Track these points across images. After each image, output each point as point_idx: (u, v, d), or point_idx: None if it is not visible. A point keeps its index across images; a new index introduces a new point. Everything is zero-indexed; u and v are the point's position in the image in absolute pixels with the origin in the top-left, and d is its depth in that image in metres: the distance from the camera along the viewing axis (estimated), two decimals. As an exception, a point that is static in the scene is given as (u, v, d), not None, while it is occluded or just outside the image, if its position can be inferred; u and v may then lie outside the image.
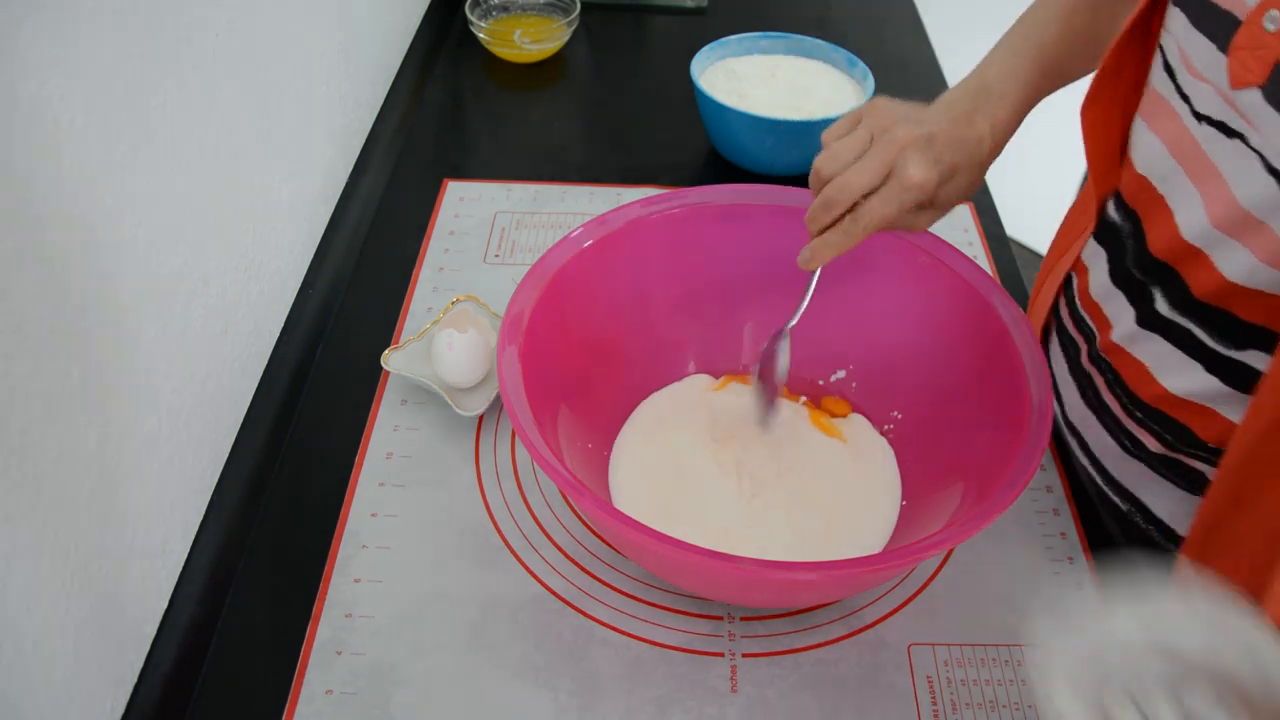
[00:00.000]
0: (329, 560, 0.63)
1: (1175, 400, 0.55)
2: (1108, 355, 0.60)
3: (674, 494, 0.65)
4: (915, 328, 0.68)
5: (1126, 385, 0.58)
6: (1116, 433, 0.61)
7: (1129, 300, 0.57)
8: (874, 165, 0.58)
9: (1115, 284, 0.59)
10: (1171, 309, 0.54)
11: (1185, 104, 0.52)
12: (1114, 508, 0.63)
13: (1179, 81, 0.53)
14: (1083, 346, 0.63)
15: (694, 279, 0.71)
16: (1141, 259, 0.56)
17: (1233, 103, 0.48)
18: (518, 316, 0.60)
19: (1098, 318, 0.61)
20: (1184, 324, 0.53)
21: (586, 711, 0.56)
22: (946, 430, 0.65)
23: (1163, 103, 0.54)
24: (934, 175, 0.58)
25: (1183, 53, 0.52)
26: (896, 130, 0.59)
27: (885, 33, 1.22)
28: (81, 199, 0.51)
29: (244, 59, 0.70)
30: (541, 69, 1.13)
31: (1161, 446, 0.57)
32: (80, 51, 0.50)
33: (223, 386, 0.69)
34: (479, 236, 0.87)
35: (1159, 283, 0.55)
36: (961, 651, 0.59)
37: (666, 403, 0.71)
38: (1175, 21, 0.53)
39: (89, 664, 0.53)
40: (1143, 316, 0.56)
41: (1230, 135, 0.48)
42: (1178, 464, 0.57)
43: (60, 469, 0.50)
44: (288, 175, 0.79)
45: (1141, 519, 0.61)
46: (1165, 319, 0.54)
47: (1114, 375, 0.59)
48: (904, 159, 0.58)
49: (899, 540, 0.63)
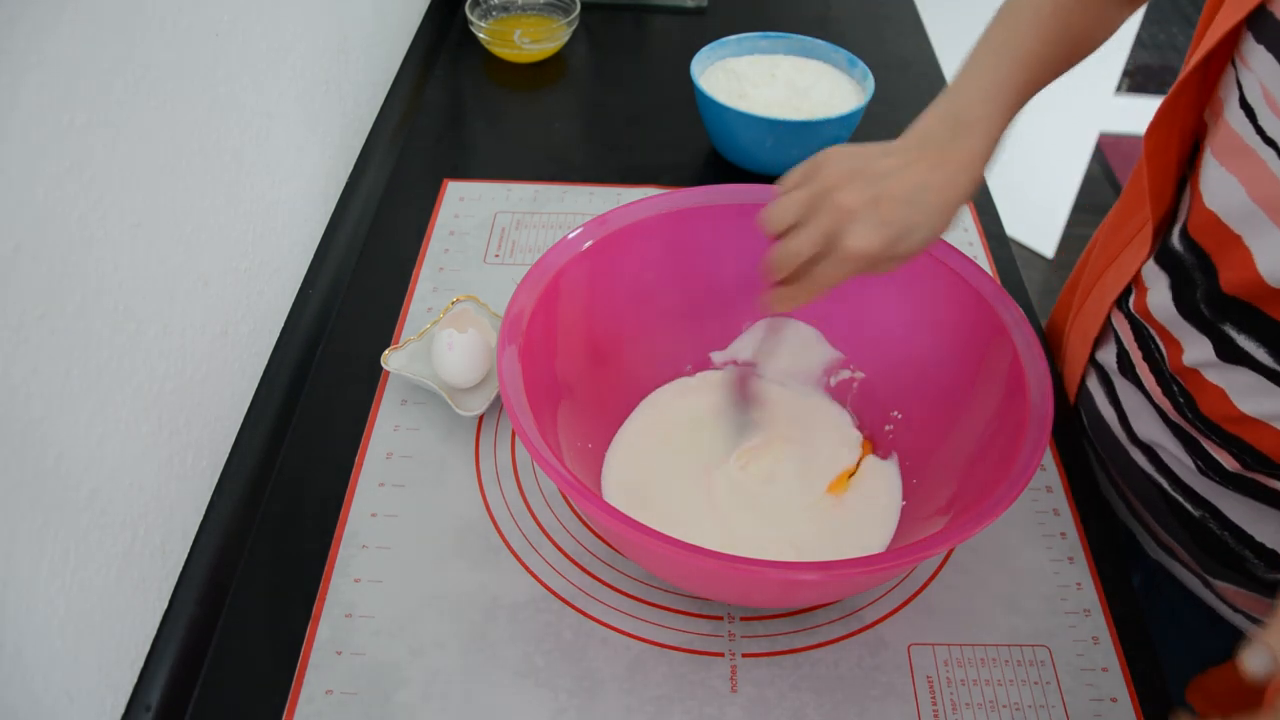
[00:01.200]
0: (329, 560, 0.63)
1: (1253, 423, 0.54)
2: (1179, 377, 0.59)
3: (673, 492, 0.65)
4: (915, 328, 0.68)
5: (1198, 408, 0.57)
6: (1188, 449, 0.60)
7: (1199, 330, 0.56)
8: (814, 236, 0.55)
9: (1181, 312, 0.57)
10: (1257, 345, 0.53)
11: (1270, 149, 0.50)
12: (1183, 511, 0.62)
13: (1261, 123, 0.50)
14: (1138, 356, 0.62)
15: (694, 279, 0.71)
16: (1212, 295, 0.55)
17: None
18: (518, 316, 0.60)
19: (1165, 338, 0.59)
20: (1267, 360, 0.52)
21: (586, 711, 0.56)
22: (946, 430, 0.65)
23: (1240, 142, 0.52)
24: (878, 241, 0.54)
25: (1267, 93, 0.50)
26: (841, 195, 0.54)
27: (885, 33, 1.22)
28: (81, 199, 0.51)
29: (244, 59, 0.70)
30: (541, 69, 1.13)
31: (1239, 467, 0.56)
32: (80, 51, 0.50)
33: (223, 386, 0.69)
34: (479, 236, 0.87)
35: (1236, 320, 0.53)
36: (961, 651, 0.59)
37: (664, 401, 0.72)
38: (1257, 59, 0.50)
39: (89, 664, 0.53)
40: (1222, 350, 0.55)
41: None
42: (1253, 483, 0.56)
43: (60, 469, 0.50)
44: (288, 175, 0.79)
45: (1216, 525, 0.60)
46: (1247, 354, 0.53)
47: (1186, 397, 0.58)
48: (845, 229, 0.54)
49: (899, 540, 0.63)
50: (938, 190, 0.55)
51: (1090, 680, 0.58)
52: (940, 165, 0.56)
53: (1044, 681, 0.58)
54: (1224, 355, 0.54)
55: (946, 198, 0.56)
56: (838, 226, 0.54)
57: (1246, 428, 0.55)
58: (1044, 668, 0.59)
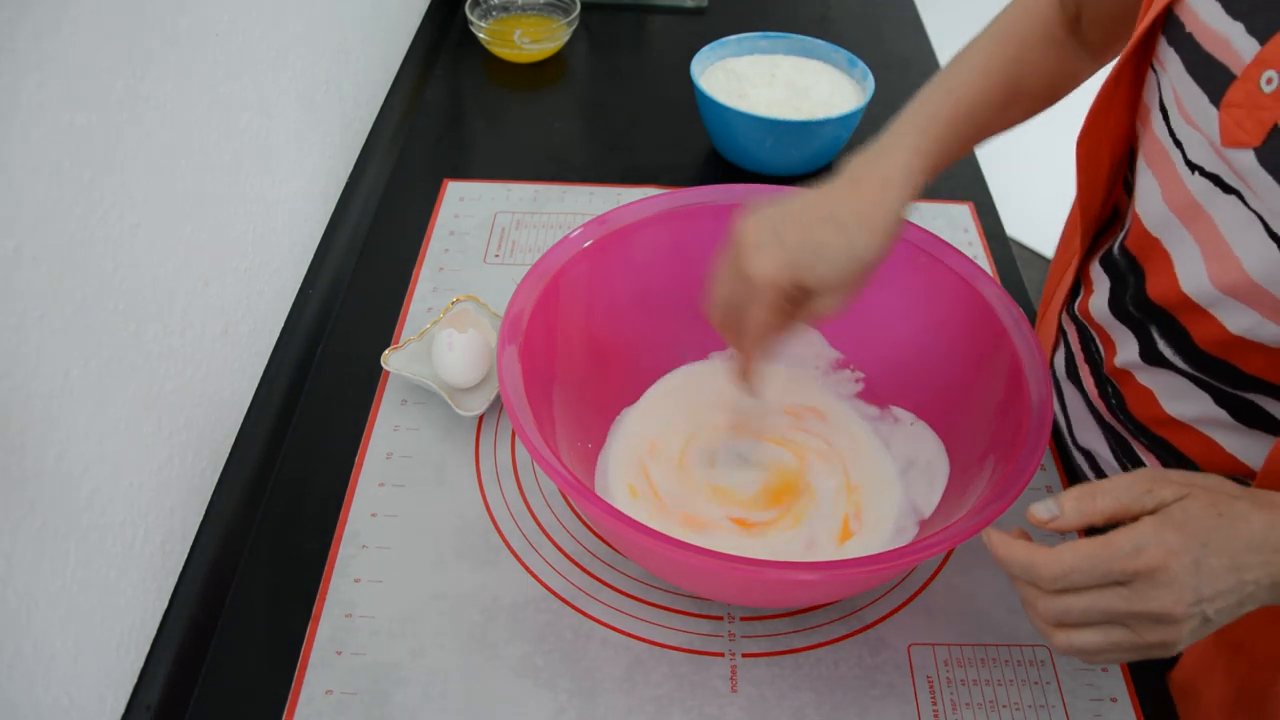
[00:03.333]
0: (329, 560, 0.63)
1: (1178, 425, 0.54)
2: (1113, 378, 0.59)
3: (670, 492, 0.65)
4: (915, 328, 0.68)
5: (1128, 409, 0.58)
6: (1118, 452, 0.60)
7: (1131, 332, 0.57)
8: (725, 277, 0.56)
9: (1114, 314, 0.58)
10: (1175, 353, 0.53)
11: (1178, 150, 0.50)
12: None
13: (1172, 125, 0.51)
14: (1082, 359, 0.62)
15: (694, 279, 0.71)
16: (1140, 300, 0.55)
17: (1225, 157, 0.46)
18: (518, 316, 0.60)
19: (1102, 336, 0.60)
20: (1185, 368, 0.53)
21: (586, 711, 0.56)
22: (946, 430, 0.65)
23: (1159, 146, 0.52)
24: (775, 263, 0.53)
25: (1176, 95, 0.50)
26: (741, 235, 0.55)
27: (885, 33, 1.22)
28: (81, 199, 0.51)
29: (244, 59, 0.70)
30: (541, 69, 1.13)
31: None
32: (80, 51, 0.50)
33: (223, 386, 0.69)
34: (479, 236, 0.87)
35: (1158, 326, 0.54)
36: (961, 651, 0.59)
37: (663, 392, 0.72)
38: (1170, 60, 0.50)
39: (89, 664, 0.53)
40: (1146, 352, 0.55)
41: (1226, 190, 0.47)
42: None
43: (60, 469, 0.50)
44: (288, 175, 0.79)
45: None
46: (1167, 360, 0.54)
47: (1119, 398, 0.59)
48: (746, 259, 0.54)
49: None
50: (851, 209, 0.55)
51: (1090, 680, 0.58)
52: (853, 189, 0.56)
53: (1044, 681, 0.58)
54: (1148, 358, 0.55)
55: (862, 213, 0.55)
56: (743, 259, 0.54)
57: (1172, 430, 0.55)
58: (1044, 668, 0.59)
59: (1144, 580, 0.41)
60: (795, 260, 0.53)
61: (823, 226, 0.54)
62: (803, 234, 0.54)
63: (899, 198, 0.56)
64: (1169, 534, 0.41)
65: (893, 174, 0.57)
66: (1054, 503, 0.45)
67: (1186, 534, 0.41)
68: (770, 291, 0.54)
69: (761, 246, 0.54)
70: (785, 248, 0.53)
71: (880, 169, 0.57)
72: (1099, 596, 0.42)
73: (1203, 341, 0.51)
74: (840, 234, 0.54)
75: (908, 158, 0.57)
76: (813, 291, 0.55)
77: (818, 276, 0.54)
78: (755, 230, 0.55)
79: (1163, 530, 0.41)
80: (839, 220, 0.54)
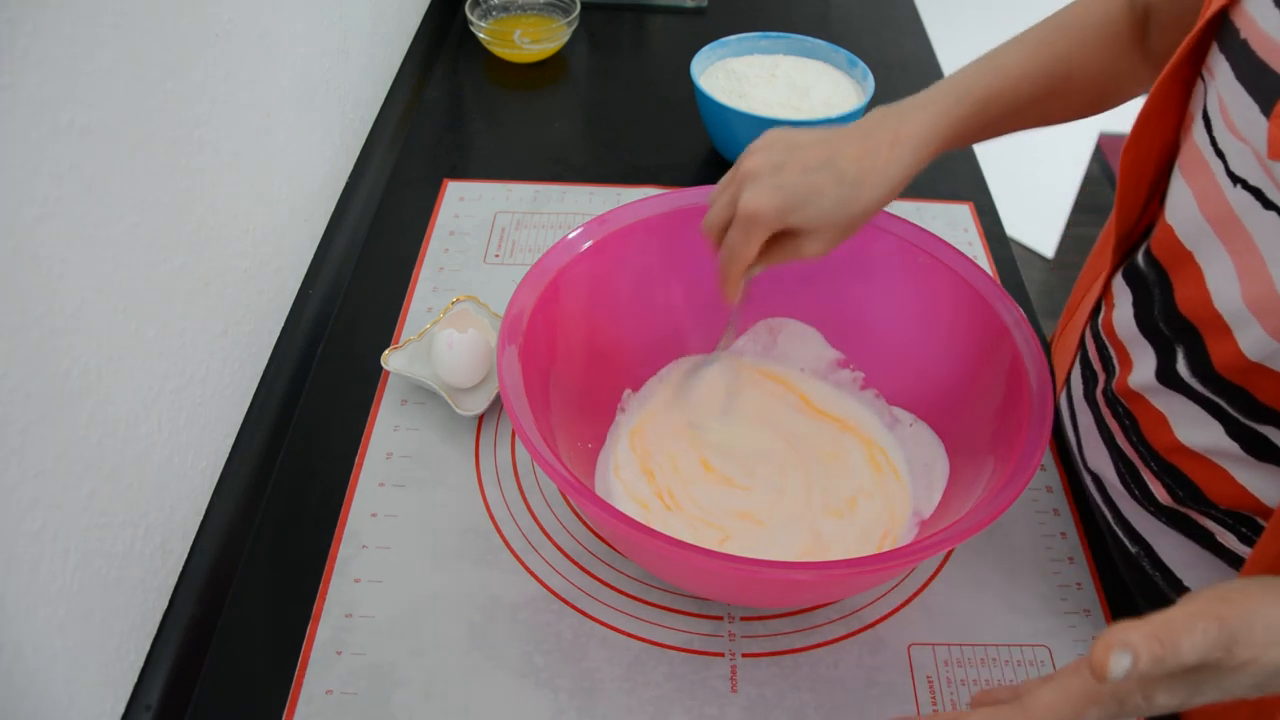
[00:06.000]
0: (329, 560, 0.63)
1: (1189, 454, 0.53)
2: (1124, 399, 0.58)
3: (671, 491, 0.65)
4: (916, 329, 0.68)
5: (1141, 432, 0.56)
6: (1127, 478, 0.59)
7: (1154, 349, 0.55)
8: (722, 199, 0.57)
9: (1140, 329, 0.56)
10: (1191, 375, 0.52)
11: (1220, 160, 0.48)
12: (1122, 548, 0.61)
13: (1215, 134, 0.49)
14: (1100, 379, 0.61)
15: (693, 279, 0.71)
16: (1168, 313, 0.54)
17: (1270, 171, 0.44)
18: (518, 316, 0.60)
19: (1120, 353, 0.59)
20: (1202, 391, 0.51)
21: (586, 711, 0.56)
22: (946, 430, 0.65)
23: (1198, 154, 0.51)
24: (770, 202, 0.54)
25: (1222, 103, 0.48)
26: (748, 160, 0.56)
27: (885, 33, 1.22)
28: (81, 199, 0.51)
29: (244, 59, 0.70)
30: (541, 69, 1.13)
31: (1171, 500, 0.55)
32: (80, 51, 0.50)
33: (223, 386, 0.69)
34: (479, 236, 0.87)
35: (1183, 342, 0.52)
36: (961, 651, 0.59)
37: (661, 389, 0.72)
38: (1219, 67, 0.49)
39: (89, 664, 0.53)
40: (1163, 371, 0.54)
41: (1267, 206, 0.45)
42: (1186, 519, 0.55)
43: (60, 469, 0.50)
44: (288, 175, 0.79)
45: (1149, 564, 0.59)
46: (1184, 381, 0.52)
47: (1131, 420, 0.57)
48: (741, 191, 0.55)
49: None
50: (854, 160, 0.55)
51: (1090, 680, 0.58)
52: (863, 139, 0.56)
53: (1044, 681, 0.58)
54: (1164, 378, 0.54)
55: (864, 166, 0.55)
56: (739, 189, 0.56)
57: (1183, 458, 0.54)
58: (1044, 668, 0.59)
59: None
60: (786, 202, 0.54)
61: (822, 172, 0.55)
62: (800, 176, 0.55)
63: (908, 159, 0.57)
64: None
65: (908, 134, 0.57)
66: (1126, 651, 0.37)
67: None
68: (757, 222, 0.55)
69: (759, 180, 0.55)
70: (780, 187, 0.55)
71: (897, 126, 0.57)
72: None
73: (1221, 365, 0.49)
74: (837, 184, 0.55)
75: (931, 120, 0.57)
76: (799, 232, 0.56)
77: (805, 219, 0.55)
78: (759, 161, 0.56)
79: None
80: (839, 169, 0.55)
